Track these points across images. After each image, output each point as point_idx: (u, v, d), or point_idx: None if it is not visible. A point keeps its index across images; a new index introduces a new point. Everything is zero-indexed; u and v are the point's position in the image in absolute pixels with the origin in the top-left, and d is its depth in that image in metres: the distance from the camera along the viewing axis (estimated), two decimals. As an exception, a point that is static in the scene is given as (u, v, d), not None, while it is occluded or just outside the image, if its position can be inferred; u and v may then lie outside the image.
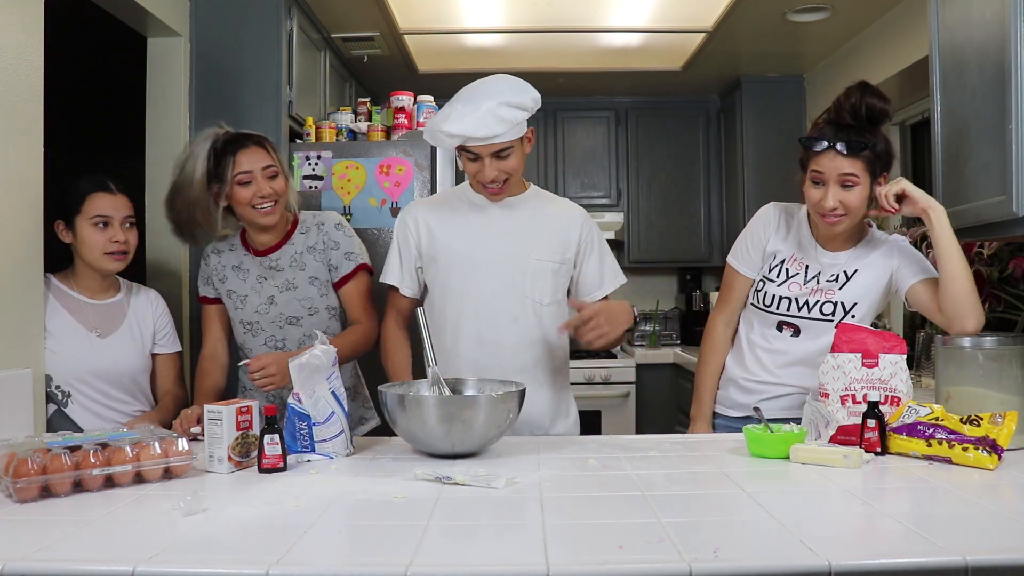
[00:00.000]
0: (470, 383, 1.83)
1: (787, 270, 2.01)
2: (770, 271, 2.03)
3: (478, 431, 1.61)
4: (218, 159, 2.01)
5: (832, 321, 1.95)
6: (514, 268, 1.98)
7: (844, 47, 3.86)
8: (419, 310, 1.86)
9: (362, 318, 2.12)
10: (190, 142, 2.08)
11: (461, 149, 1.90)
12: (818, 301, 1.97)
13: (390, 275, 2.05)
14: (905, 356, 1.72)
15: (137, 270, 2.44)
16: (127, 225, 2.07)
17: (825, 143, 1.86)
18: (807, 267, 2.00)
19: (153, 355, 2.17)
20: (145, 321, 2.16)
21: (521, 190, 2.06)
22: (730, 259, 2.12)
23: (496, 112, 1.82)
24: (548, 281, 2.00)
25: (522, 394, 1.69)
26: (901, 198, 1.85)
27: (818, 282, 1.98)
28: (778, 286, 2.00)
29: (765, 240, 2.06)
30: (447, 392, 1.78)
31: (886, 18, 3.45)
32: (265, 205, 2.02)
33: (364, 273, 2.16)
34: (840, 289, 1.96)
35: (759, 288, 2.04)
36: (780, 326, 2.01)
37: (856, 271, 1.97)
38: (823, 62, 4.03)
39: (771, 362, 2.02)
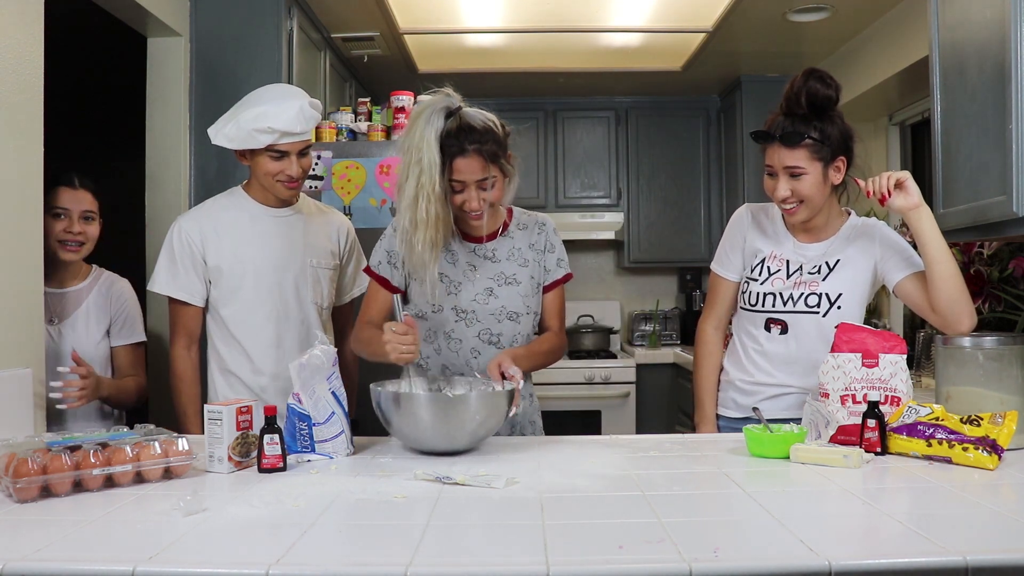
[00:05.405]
0: (458, 381, 1.87)
1: (768, 267, 2.02)
2: (752, 271, 2.05)
3: (470, 427, 1.64)
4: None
5: (818, 313, 1.95)
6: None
7: (844, 47, 3.87)
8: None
9: (557, 327, 2.06)
10: (416, 114, 1.83)
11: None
12: (802, 294, 1.97)
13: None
14: (905, 356, 1.72)
15: (138, 269, 2.44)
16: (85, 219, 2.17)
17: (768, 137, 1.91)
18: (787, 262, 2.01)
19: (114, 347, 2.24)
20: (101, 309, 2.22)
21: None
22: (713, 266, 2.15)
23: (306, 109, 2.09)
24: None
25: (511, 393, 1.72)
26: (899, 185, 1.84)
27: (801, 274, 1.99)
28: (761, 284, 2.02)
29: (742, 241, 2.08)
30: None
31: (886, 18, 3.45)
32: (474, 214, 1.88)
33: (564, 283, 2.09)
34: (823, 280, 1.97)
35: (744, 289, 2.06)
36: (768, 325, 2.01)
37: (838, 261, 1.97)
38: (823, 62, 4.03)
39: (765, 362, 2.02)
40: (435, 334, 1.96)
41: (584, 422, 4.23)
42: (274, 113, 2.03)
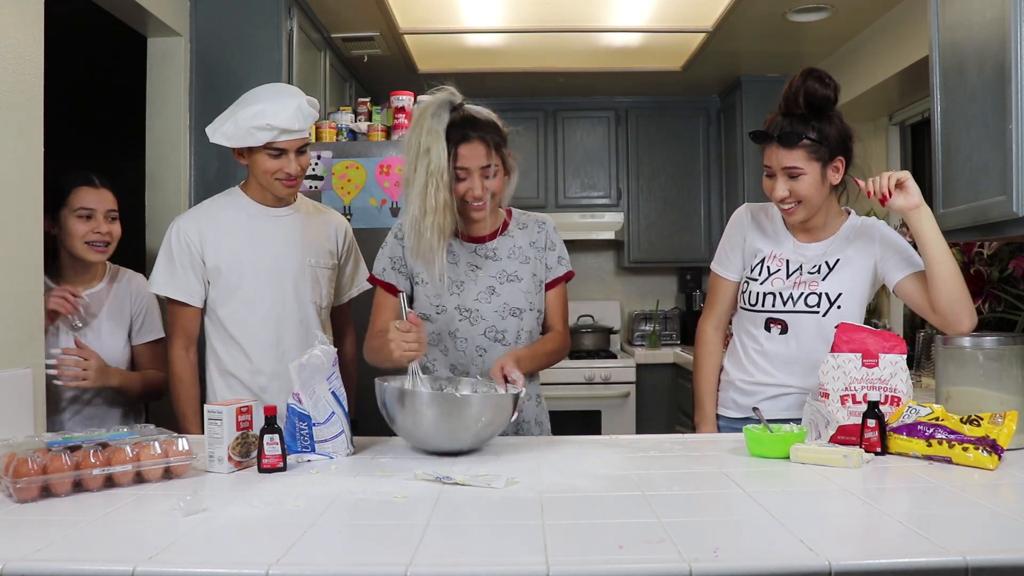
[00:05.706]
0: (464, 382, 1.86)
1: (768, 267, 2.02)
2: (752, 271, 2.05)
3: (474, 428, 1.63)
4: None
5: (818, 312, 1.95)
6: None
7: (844, 47, 3.87)
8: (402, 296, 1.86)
9: (560, 327, 2.07)
10: (420, 111, 1.86)
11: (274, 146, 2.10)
12: (802, 293, 1.97)
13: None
14: (905, 356, 1.72)
15: (138, 269, 2.44)
16: (110, 218, 2.18)
17: (766, 138, 1.91)
18: (787, 261, 2.01)
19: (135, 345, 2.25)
20: (123, 309, 2.22)
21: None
22: (713, 265, 2.15)
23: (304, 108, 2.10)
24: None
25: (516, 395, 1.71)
26: (899, 185, 1.84)
27: (800, 274, 1.99)
28: (761, 283, 2.02)
29: (742, 240, 2.09)
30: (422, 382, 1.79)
31: (886, 18, 3.45)
32: (477, 203, 1.89)
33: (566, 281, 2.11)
34: (823, 280, 1.97)
35: (744, 289, 2.06)
36: (768, 325, 2.01)
37: (838, 261, 1.97)
38: (823, 62, 4.03)
39: (765, 362, 2.02)
40: (440, 335, 1.98)
41: (584, 422, 4.23)
42: (272, 111, 2.04)
